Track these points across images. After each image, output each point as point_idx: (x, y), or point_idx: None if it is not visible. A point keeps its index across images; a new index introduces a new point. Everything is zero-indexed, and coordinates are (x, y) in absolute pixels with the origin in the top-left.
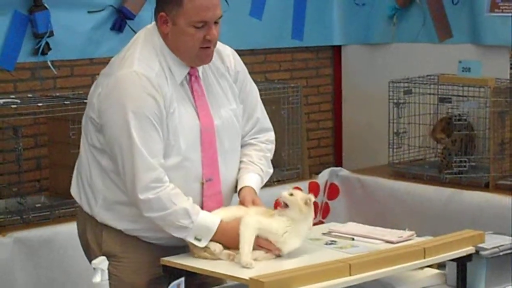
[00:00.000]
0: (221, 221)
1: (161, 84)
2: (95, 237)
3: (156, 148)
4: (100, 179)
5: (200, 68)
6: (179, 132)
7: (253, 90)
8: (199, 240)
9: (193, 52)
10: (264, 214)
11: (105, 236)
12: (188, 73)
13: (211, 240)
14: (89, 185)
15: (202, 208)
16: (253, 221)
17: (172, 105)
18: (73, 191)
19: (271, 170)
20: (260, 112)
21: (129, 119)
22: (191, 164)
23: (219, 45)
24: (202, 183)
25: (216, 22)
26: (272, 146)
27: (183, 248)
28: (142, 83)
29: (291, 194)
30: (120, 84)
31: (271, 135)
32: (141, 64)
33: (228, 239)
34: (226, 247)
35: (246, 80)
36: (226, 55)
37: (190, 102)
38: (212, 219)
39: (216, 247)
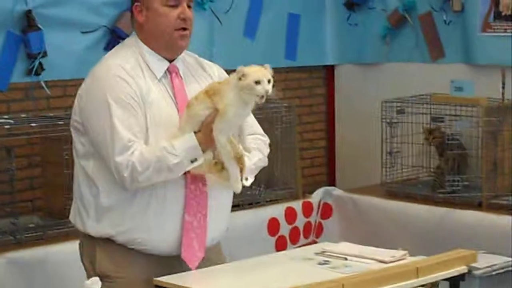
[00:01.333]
0: (193, 133)
1: (135, 75)
2: (89, 258)
3: (131, 123)
4: (88, 187)
5: (180, 66)
6: (159, 123)
7: None
8: (195, 160)
9: (169, 35)
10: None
11: (98, 255)
12: (168, 70)
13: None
14: (79, 198)
15: (185, 206)
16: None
17: (150, 96)
18: (71, 216)
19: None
20: (251, 120)
21: (109, 104)
22: None
23: (205, 61)
24: (185, 174)
25: (189, 6)
26: (267, 141)
27: (177, 259)
28: (116, 71)
29: None
30: (96, 77)
31: (266, 138)
32: (115, 59)
33: (210, 141)
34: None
35: None
36: (209, 66)
37: (170, 96)
38: (187, 138)
39: (208, 155)
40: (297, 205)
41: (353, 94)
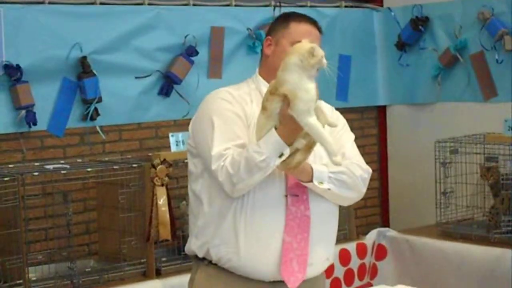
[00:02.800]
0: (273, 129)
1: (242, 101)
2: (192, 280)
3: (231, 132)
4: (195, 207)
5: None
6: None
7: (347, 135)
8: (282, 154)
9: None
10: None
11: (197, 275)
12: None
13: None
14: (193, 223)
15: (284, 230)
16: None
17: (254, 119)
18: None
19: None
20: (349, 150)
21: (212, 120)
22: (272, 176)
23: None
24: (286, 196)
25: None
26: (362, 165)
27: (278, 285)
28: (223, 95)
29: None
30: (205, 100)
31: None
32: (228, 87)
33: (291, 130)
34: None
35: (340, 125)
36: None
37: None
38: (269, 134)
39: (300, 144)
40: (351, 246)
41: (406, 134)
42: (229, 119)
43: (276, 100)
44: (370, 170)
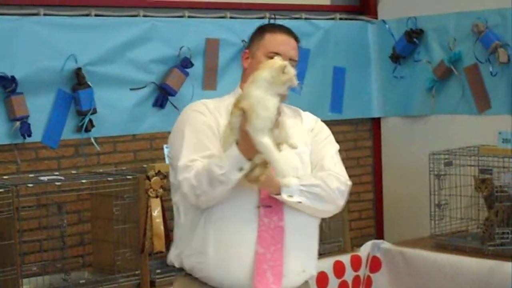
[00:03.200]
0: (234, 143)
1: (216, 112)
2: None
3: (200, 144)
4: (176, 217)
5: None
6: None
7: (329, 147)
8: (242, 169)
9: None
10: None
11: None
12: None
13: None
14: (174, 233)
15: (257, 241)
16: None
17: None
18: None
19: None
20: (328, 162)
21: (183, 131)
22: (245, 187)
23: (304, 113)
24: (259, 207)
25: (294, 61)
26: (340, 177)
27: None
28: (197, 108)
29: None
30: (181, 113)
31: (340, 176)
32: (206, 99)
33: (250, 146)
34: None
35: (322, 136)
36: (305, 115)
37: None
38: (230, 149)
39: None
40: (345, 258)
41: (400, 146)
42: (200, 131)
43: (237, 113)
44: (349, 183)
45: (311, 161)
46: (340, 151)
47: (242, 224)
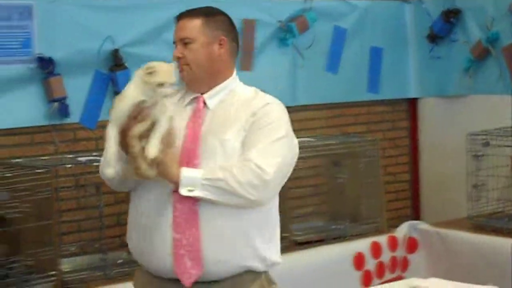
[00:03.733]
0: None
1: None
2: None
3: None
4: None
5: (212, 102)
6: None
7: (265, 133)
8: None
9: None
10: None
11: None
12: (197, 99)
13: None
14: None
15: (172, 227)
16: None
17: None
18: None
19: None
20: (254, 151)
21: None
22: None
23: (261, 97)
24: (174, 192)
25: (186, 43)
26: (251, 165)
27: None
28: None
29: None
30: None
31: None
32: None
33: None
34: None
35: (262, 122)
36: (257, 99)
37: (185, 121)
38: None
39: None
40: (382, 239)
41: (437, 127)
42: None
43: None
44: (269, 177)
45: (244, 147)
46: (377, 131)
47: (157, 209)
